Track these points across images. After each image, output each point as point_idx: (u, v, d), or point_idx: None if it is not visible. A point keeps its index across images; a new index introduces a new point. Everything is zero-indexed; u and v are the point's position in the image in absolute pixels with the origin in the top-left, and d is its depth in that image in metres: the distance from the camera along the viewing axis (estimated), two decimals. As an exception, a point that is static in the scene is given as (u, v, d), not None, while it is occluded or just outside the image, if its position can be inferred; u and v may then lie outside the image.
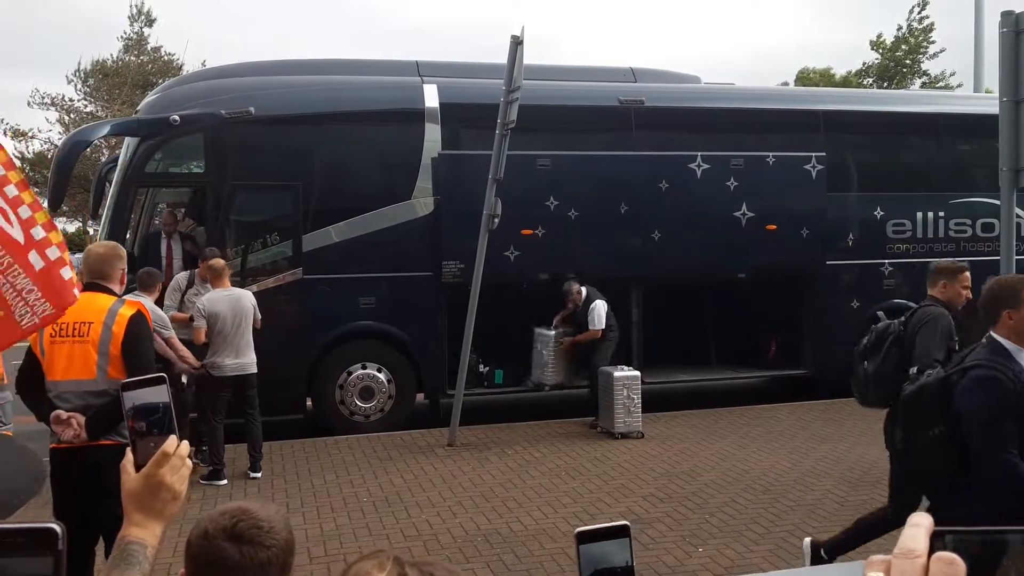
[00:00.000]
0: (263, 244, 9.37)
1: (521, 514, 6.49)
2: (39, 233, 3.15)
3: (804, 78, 32.72)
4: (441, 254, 9.45)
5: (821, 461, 7.82)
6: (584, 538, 1.14)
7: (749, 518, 6.31)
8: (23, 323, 2.97)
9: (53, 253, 3.15)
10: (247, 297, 7.69)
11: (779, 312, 11.00)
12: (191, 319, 7.57)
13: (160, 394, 1.50)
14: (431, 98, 9.70)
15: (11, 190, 3.12)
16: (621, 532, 1.15)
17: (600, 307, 9.31)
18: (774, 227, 10.28)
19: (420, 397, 9.89)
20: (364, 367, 9.43)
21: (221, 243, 8.89)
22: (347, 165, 9.81)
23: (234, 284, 8.05)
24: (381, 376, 9.49)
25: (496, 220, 8.52)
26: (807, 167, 10.40)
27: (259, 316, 7.68)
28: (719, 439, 8.70)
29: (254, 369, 7.62)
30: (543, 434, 8.98)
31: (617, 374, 8.87)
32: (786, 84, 30.19)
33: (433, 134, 9.64)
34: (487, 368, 10.08)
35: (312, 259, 9.19)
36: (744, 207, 10.21)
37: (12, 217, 3.08)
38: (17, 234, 3.10)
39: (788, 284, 10.70)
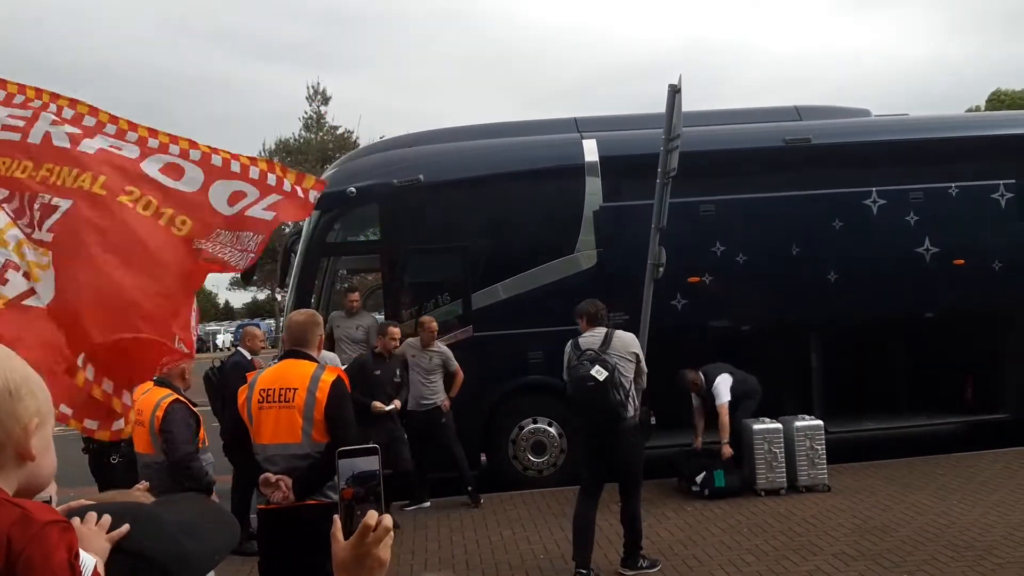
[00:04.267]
0: (435, 304, 9.72)
1: (702, 572, 6.28)
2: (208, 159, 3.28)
3: (997, 100, 30.68)
4: (607, 306, 9.42)
5: (1034, 515, 7.14)
6: None
7: (954, 578, 5.83)
8: (241, 264, 3.27)
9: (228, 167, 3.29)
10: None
11: (974, 352, 10.22)
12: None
13: (372, 463, 1.58)
14: (591, 153, 9.82)
15: (174, 148, 3.25)
16: None
17: (721, 383, 8.69)
18: (962, 262, 9.65)
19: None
20: (535, 421, 9.50)
21: (397, 305, 9.29)
22: (512, 223, 10.03)
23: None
24: (552, 430, 9.52)
25: (661, 269, 8.44)
26: (995, 196, 9.72)
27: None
28: (914, 491, 8.12)
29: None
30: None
31: (798, 424, 8.50)
32: (977, 108, 28.43)
33: (594, 187, 9.73)
34: (655, 420, 9.86)
35: (481, 316, 9.42)
36: (927, 242, 9.65)
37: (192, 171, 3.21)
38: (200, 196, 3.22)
39: (983, 322, 9.95)
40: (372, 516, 1.54)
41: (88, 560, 1.39)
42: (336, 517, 1.59)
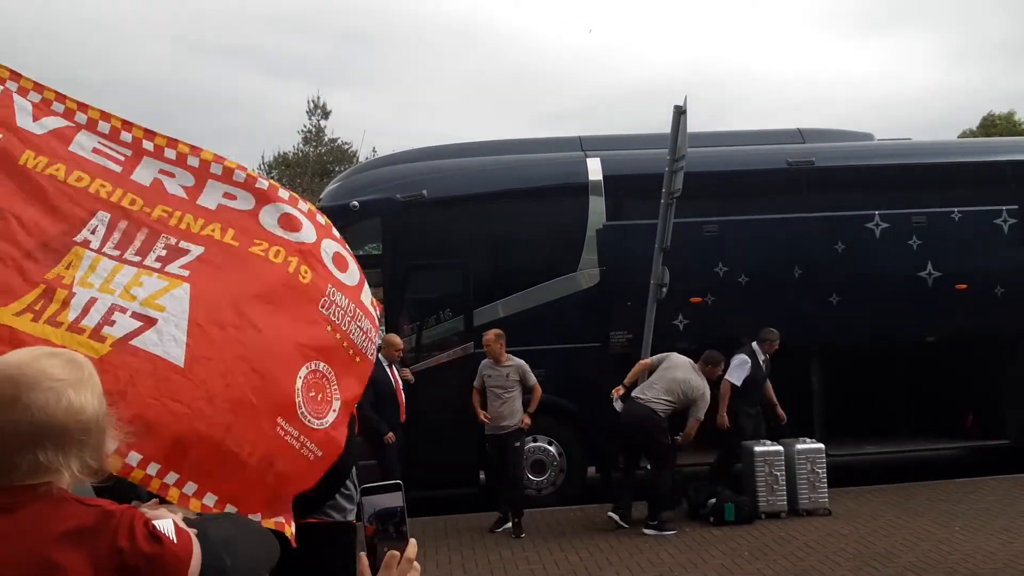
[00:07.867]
0: (436, 320, 9.68)
1: (703, 596, 6.23)
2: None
3: (988, 125, 30.90)
4: (609, 325, 9.42)
5: (1037, 543, 7.09)
6: None
7: (958, 606, 5.78)
8: (369, 354, 2.92)
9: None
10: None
11: (976, 377, 10.19)
12: None
13: (396, 499, 1.58)
14: (595, 171, 9.82)
15: (284, 193, 2.96)
16: None
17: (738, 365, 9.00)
18: (964, 286, 9.64)
19: (592, 470, 9.77)
20: (535, 440, 9.43)
21: (398, 321, 9.24)
22: (514, 241, 10.02)
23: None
24: (552, 449, 9.46)
25: (664, 289, 8.42)
26: (997, 221, 9.73)
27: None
28: (915, 516, 8.07)
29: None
30: (721, 510, 8.62)
31: (799, 447, 8.45)
32: (971, 132, 28.63)
33: (597, 206, 9.72)
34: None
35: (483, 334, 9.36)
36: (929, 266, 9.64)
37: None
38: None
39: (985, 346, 9.92)
40: (393, 556, 1.55)
41: (164, 523, 1.50)
42: (363, 555, 1.59)
